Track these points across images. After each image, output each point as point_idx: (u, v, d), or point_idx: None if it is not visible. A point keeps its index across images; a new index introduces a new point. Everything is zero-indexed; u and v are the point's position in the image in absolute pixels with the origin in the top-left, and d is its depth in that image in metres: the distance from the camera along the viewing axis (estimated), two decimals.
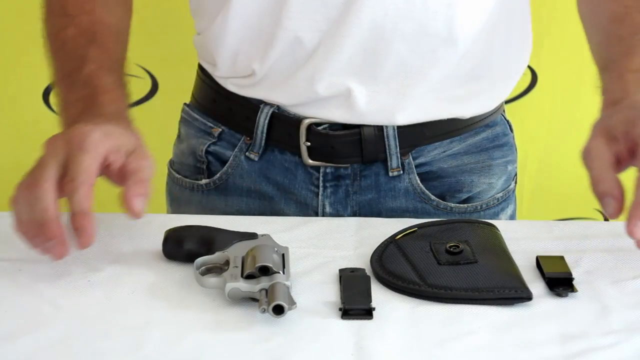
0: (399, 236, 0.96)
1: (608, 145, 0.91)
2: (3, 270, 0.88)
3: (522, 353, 0.80)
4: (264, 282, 0.84)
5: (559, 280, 0.89)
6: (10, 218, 0.87)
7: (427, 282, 0.88)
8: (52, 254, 0.86)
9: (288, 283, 0.84)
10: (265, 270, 0.85)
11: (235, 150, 1.13)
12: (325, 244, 0.98)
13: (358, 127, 1.08)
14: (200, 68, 1.18)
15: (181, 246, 0.92)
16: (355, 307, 0.84)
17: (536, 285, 0.89)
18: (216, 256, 0.90)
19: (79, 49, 1.01)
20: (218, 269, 0.89)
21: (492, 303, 0.86)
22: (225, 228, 0.94)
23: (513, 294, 0.87)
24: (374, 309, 0.84)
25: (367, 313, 0.84)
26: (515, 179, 1.23)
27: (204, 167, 1.16)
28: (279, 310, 0.81)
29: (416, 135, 1.10)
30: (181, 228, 0.94)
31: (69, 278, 0.89)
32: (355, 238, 0.99)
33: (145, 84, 1.97)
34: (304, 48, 1.04)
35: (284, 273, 0.86)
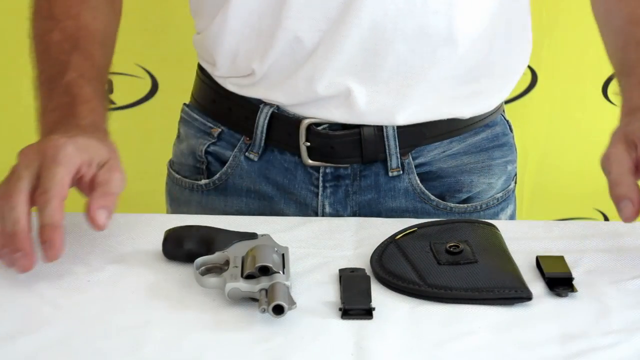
0: (399, 236, 0.96)
1: (627, 152, 0.92)
2: (3, 270, 0.88)
3: (522, 353, 0.79)
4: (264, 282, 0.84)
5: (559, 280, 0.89)
6: None
7: (427, 282, 0.88)
8: (17, 266, 0.85)
9: (288, 283, 0.84)
10: (265, 270, 0.85)
11: (235, 150, 1.13)
12: (325, 244, 0.98)
13: (358, 127, 1.08)
14: (200, 68, 1.18)
15: (181, 246, 0.92)
16: (355, 307, 0.84)
17: (536, 285, 0.89)
18: (216, 256, 0.90)
19: (61, 54, 1.01)
20: (218, 269, 0.89)
21: (492, 303, 0.86)
22: (225, 228, 0.94)
23: (513, 294, 0.87)
24: (374, 309, 0.84)
25: (367, 313, 0.84)
26: (515, 179, 1.23)
27: (204, 167, 1.16)
28: (279, 310, 0.81)
29: (416, 135, 1.10)
30: (181, 228, 0.94)
31: (69, 278, 0.89)
32: (355, 238, 0.99)
33: (145, 84, 1.97)
34: (304, 48, 1.04)
35: (284, 273, 0.86)
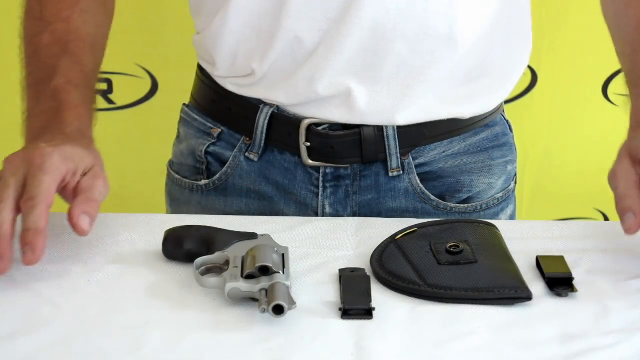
0: (399, 236, 0.96)
1: (634, 167, 0.93)
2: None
3: (522, 353, 0.79)
4: (264, 282, 0.83)
5: (559, 280, 0.89)
6: None
7: (427, 282, 0.88)
8: None
9: (288, 283, 0.84)
10: (265, 270, 0.85)
11: (235, 150, 1.13)
12: (325, 244, 0.98)
13: (358, 127, 1.08)
14: (200, 68, 1.17)
15: (181, 246, 0.92)
16: (355, 307, 0.84)
17: (536, 285, 0.89)
18: (216, 256, 0.90)
19: (50, 58, 1.02)
20: (218, 269, 0.89)
21: (492, 303, 0.86)
22: (225, 228, 0.94)
23: (513, 294, 0.87)
24: (374, 309, 0.84)
25: (367, 313, 0.84)
26: (515, 179, 1.23)
27: (204, 168, 1.16)
28: (279, 310, 0.81)
29: (416, 136, 1.10)
30: (181, 228, 0.94)
31: (69, 278, 0.89)
32: (355, 238, 0.99)
33: (145, 84, 1.97)
34: (304, 48, 1.04)
35: (284, 273, 0.86)
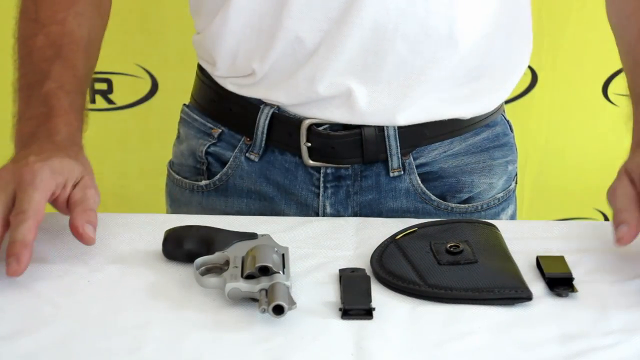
0: (399, 236, 0.96)
1: (632, 186, 0.94)
2: (3, 271, 0.88)
3: (522, 353, 0.79)
4: (264, 282, 0.83)
5: (559, 280, 0.89)
6: None
7: (427, 282, 0.88)
8: None
9: (288, 283, 0.84)
10: (265, 270, 0.85)
11: (236, 151, 1.13)
12: (325, 244, 0.97)
13: (359, 128, 1.08)
14: (200, 68, 1.17)
15: (181, 246, 0.92)
16: (355, 307, 0.84)
17: (536, 285, 0.89)
18: (216, 256, 0.90)
19: (43, 62, 1.02)
20: (218, 269, 0.89)
21: (492, 303, 0.86)
22: (225, 228, 0.94)
23: (513, 294, 0.87)
24: (374, 309, 0.84)
25: (367, 313, 0.84)
26: (516, 179, 1.23)
27: (204, 168, 1.16)
28: (279, 310, 0.81)
29: (417, 136, 1.10)
30: (181, 228, 0.94)
31: (69, 278, 0.89)
32: (355, 238, 0.99)
33: (145, 84, 1.97)
34: (305, 48, 1.04)
35: (284, 273, 0.86)
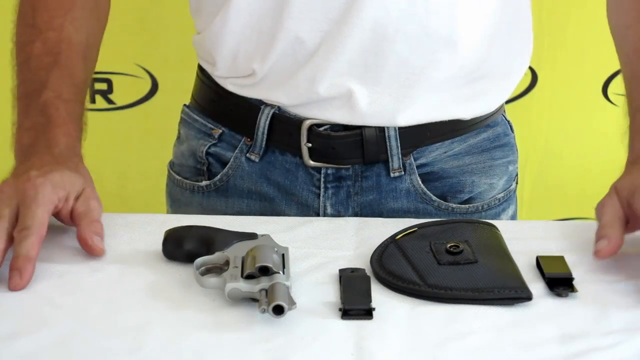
0: (399, 236, 0.96)
1: (620, 203, 0.95)
2: (3, 271, 0.88)
3: (522, 353, 0.79)
4: (264, 282, 0.83)
5: (559, 280, 0.89)
6: None
7: (427, 282, 0.88)
8: None
9: (288, 283, 0.84)
10: (265, 271, 0.85)
11: (236, 151, 1.13)
12: (325, 244, 0.98)
13: (359, 128, 1.08)
14: (200, 68, 1.17)
15: (181, 246, 0.92)
16: (355, 307, 0.84)
17: (536, 285, 0.89)
18: (216, 256, 0.90)
19: (41, 70, 1.02)
20: (218, 269, 0.89)
21: (492, 303, 0.86)
22: (225, 228, 0.94)
23: (513, 294, 0.87)
24: (374, 309, 0.84)
25: (367, 313, 0.84)
26: (516, 179, 1.23)
27: (205, 169, 1.16)
28: (279, 310, 0.81)
29: (417, 136, 1.10)
30: (181, 228, 0.94)
31: (69, 278, 0.89)
32: (355, 238, 0.99)
33: (145, 84, 1.97)
34: (305, 48, 1.04)
35: (284, 273, 0.86)
